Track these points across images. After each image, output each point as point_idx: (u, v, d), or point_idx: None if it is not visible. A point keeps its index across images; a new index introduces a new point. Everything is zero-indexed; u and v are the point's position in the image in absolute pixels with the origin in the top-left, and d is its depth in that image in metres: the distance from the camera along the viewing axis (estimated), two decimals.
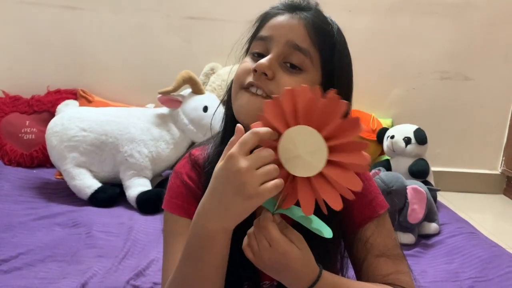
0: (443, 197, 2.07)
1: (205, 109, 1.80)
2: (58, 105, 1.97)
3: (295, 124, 0.54)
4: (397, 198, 1.46)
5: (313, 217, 0.60)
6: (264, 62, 0.65)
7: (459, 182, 2.32)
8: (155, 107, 1.96)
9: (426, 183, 1.74)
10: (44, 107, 2.04)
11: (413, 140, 1.88)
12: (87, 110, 1.81)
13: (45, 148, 1.82)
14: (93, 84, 2.13)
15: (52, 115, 1.93)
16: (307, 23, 0.67)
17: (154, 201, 1.63)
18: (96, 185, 1.68)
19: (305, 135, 0.53)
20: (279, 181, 0.53)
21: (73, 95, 2.08)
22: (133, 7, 2.10)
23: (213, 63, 2.07)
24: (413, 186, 1.50)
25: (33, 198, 1.67)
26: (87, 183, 1.68)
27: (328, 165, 0.53)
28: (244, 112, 0.66)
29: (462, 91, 2.29)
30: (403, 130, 1.92)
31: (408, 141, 1.88)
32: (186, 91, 1.85)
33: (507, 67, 2.27)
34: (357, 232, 0.73)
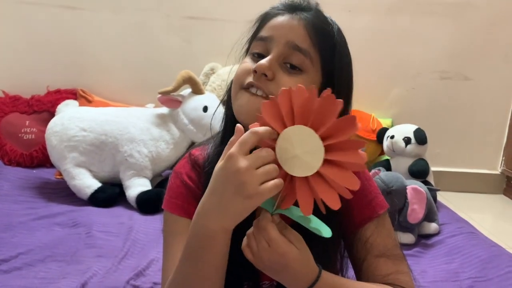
0: (443, 197, 2.07)
1: (205, 109, 1.80)
2: (58, 105, 1.97)
3: (292, 124, 0.54)
4: (397, 198, 1.46)
5: (312, 217, 0.59)
6: (264, 63, 0.65)
7: (459, 182, 2.32)
8: (155, 107, 1.96)
9: (426, 183, 1.74)
10: (44, 107, 2.04)
11: (413, 140, 1.87)
12: (87, 110, 1.81)
13: (45, 148, 1.82)
14: (93, 84, 2.13)
15: (52, 115, 1.93)
16: (307, 23, 0.67)
17: (154, 201, 1.63)
18: (96, 185, 1.68)
19: (302, 135, 0.53)
20: (278, 181, 0.53)
21: (73, 95, 2.08)
22: (133, 7, 2.10)
23: (213, 63, 2.07)
24: (413, 186, 1.50)
25: (33, 198, 1.67)
26: (87, 183, 1.68)
27: (325, 164, 0.53)
28: (244, 112, 0.66)
29: (462, 91, 2.29)
30: (403, 130, 1.92)
31: (408, 141, 1.88)
32: (186, 91, 1.85)
33: (507, 67, 2.27)
34: (357, 232, 0.73)
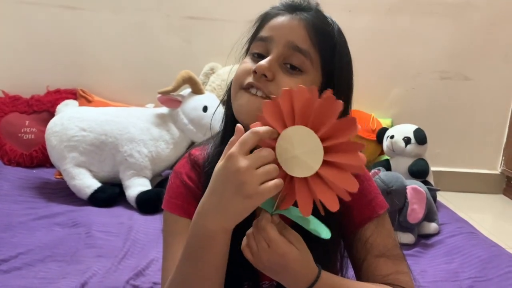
0: (442, 197, 2.07)
1: (204, 109, 1.80)
2: (57, 105, 1.97)
3: (292, 124, 0.54)
4: (397, 198, 1.46)
5: (311, 218, 0.59)
6: (264, 63, 0.65)
7: (459, 182, 2.32)
8: (154, 107, 1.96)
9: (426, 183, 1.74)
10: (43, 107, 2.04)
11: (412, 140, 1.87)
12: (87, 110, 1.81)
13: (44, 148, 1.82)
14: (93, 84, 2.13)
15: (52, 115, 1.93)
16: (307, 24, 0.67)
17: (154, 201, 1.63)
18: (95, 185, 1.68)
19: (302, 135, 0.53)
20: (279, 181, 0.53)
21: (72, 95, 2.08)
22: (133, 7, 2.10)
23: (212, 63, 2.07)
24: (412, 186, 1.50)
25: (33, 198, 1.67)
26: (86, 183, 1.68)
27: (324, 165, 0.53)
28: (243, 112, 0.66)
29: (462, 91, 2.29)
30: (402, 130, 1.92)
31: (408, 141, 1.88)
32: (186, 91, 1.85)
33: (507, 67, 2.27)
34: (357, 232, 0.73)
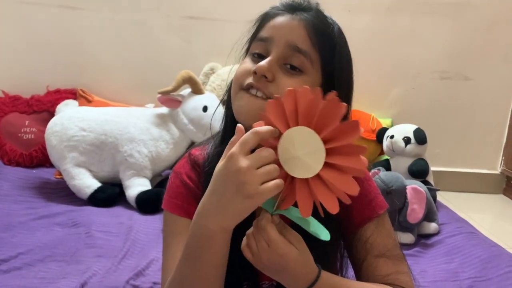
0: (442, 197, 2.07)
1: (204, 109, 1.80)
2: (57, 105, 1.97)
3: (295, 124, 0.54)
4: (397, 198, 1.46)
5: (311, 219, 0.59)
6: (263, 64, 0.65)
7: (459, 182, 2.32)
8: (154, 107, 1.96)
9: (426, 183, 1.74)
10: (43, 107, 2.04)
11: (412, 140, 1.87)
12: (87, 110, 1.81)
13: (44, 148, 1.82)
14: (93, 84, 2.13)
15: (52, 115, 1.93)
16: (307, 24, 0.67)
17: (154, 201, 1.63)
18: (95, 184, 1.68)
19: (304, 136, 0.53)
20: (279, 181, 0.53)
21: (72, 94, 2.08)
22: (133, 7, 2.10)
23: (212, 63, 2.07)
24: (412, 186, 1.50)
25: (33, 198, 1.67)
26: (86, 183, 1.68)
27: (326, 167, 0.53)
28: (243, 113, 0.66)
29: (461, 91, 2.29)
30: (402, 130, 1.92)
31: (407, 141, 1.88)
32: (186, 91, 1.85)
33: (507, 67, 2.27)
34: (357, 232, 0.73)
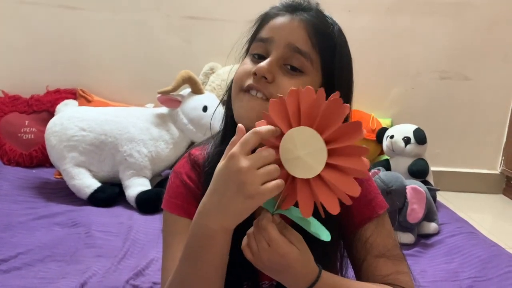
0: (442, 197, 2.07)
1: (204, 108, 1.80)
2: (57, 104, 1.97)
3: (297, 124, 0.54)
4: (397, 198, 1.46)
5: (311, 219, 0.59)
6: (263, 65, 0.65)
7: (459, 182, 2.32)
8: (154, 106, 1.96)
9: (426, 183, 1.74)
10: (43, 106, 2.03)
11: (412, 140, 1.87)
12: (87, 110, 1.81)
13: (44, 148, 1.82)
14: (93, 84, 2.13)
15: (52, 114, 1.92)
16: (307, 24, 0.67)
17: (154, 201, 1.63)
18: (95, 184, 1.68)
19: (306, 136, 0.53)
20: (280, 182, 0.53)
21: (72, 94, 2.08)
22: (133, 7, 2.10)
23: (212, 63, 2.07)
24: (412, 186, 1.50)
25: (33, 197, 1.67)
26: (86, 182, 1.68)
27: (327, 168, 0.53)
28: (243, 115, 0.66)
29: (461, 91, 2.29)
30: (402, 130, 1.92)
31: (407, 141, 1.88)
32: (186, 90, 1.85)
33: (507, 67, 2.27)
34: (357, 232, 0.73)
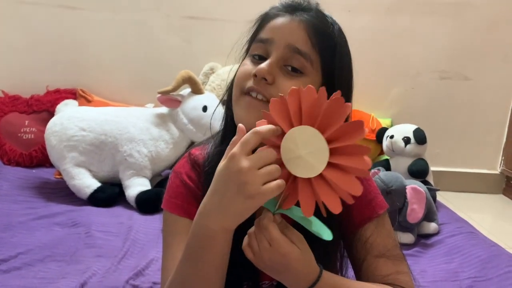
0: (442, 197, 2.07)
1: (204, 108, 1.80)
2: (57, 104, 1.97)
3: (299, 124, 0.54)
4: (397, 198, 1.46)
5: (313, 218, 0.59)
6: (263, 67, 0.65)
7: (459, 182, 2.32)
8: (154, 106, 1.96)
9: (426, 183, 1.74)
10: (43, 106, 2.03)
11: (412, 140, 1.87)
12: (87, 110, 1.81)
13: (44, 148, 1.82)
14: (93, 84, 2.13)
15: (52, 114, 1.92)
16: (307, 25, 0.66)
17: (154, 201, 1.63)
18: (95, 184, 1.68)
19: (308, 135, 0.53)
20: (281, 182, 0.53)
21: (72, 94, 2.08)
22: (133, 7, 2.10)
23: (212, 63, 2.07)
24: (412, 186, 1.50)
25: (33, 197, 1.67)
26: (86, 182, 1.68)
27: (329, 167, 0.53)
28: (244, 118, 0.66)
29: (461, 91, 2.29)
30: (402, 130, 1.92)
31: (407, 141, 1.88)
32: (186, 90, 1.85)
33: (507, 67, 2.27)
34: (357, 232, 0.73)
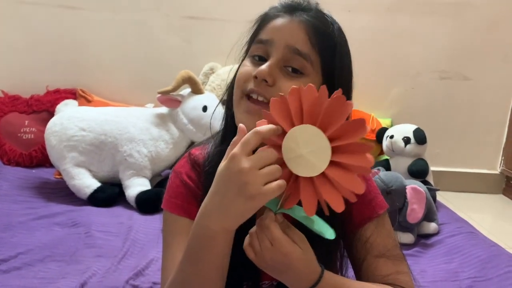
0: (442, 197, 2.07)
1: (204, 108, 1.79)
2: (57, 104, 1.97)
3: (300, 123, 0.53)
4: (397, 198, 1.46)
5: (315, 218, 0.59)
6: (264, 68, 0.65)
7: (459, 182, 2.32)
8: (154, 106, 1.96)
9: (426, 183, 1.74)
10: (43, 106, 2.03)
11: (412, 140, 1.87)
12: (86, 110, 1.81)
13: (44, 148, 1.82)
14: (93, 84, 2.12)
15: (51, 114, 1.92)
16: (307, 26, 0.66)
17: (154, 201, 1.63)
18: (95, 184, 1.68)
19: (309, 134, 0.53)
20: (282, 182, 0.53)
21: (72, 94, 2.08)
22: (133, 7, 2.10)
23: (212, 63, 2.07)
24: (412, 186, 1.50)
25: (32, 197, 1.67)
26: (86, 182, 1.68)
27: (331, 166, 0.53)
28: (244, 120, 0.66)
29: (461, 91, 2.29)
30: (402, 130, 1.92)
31: (407, 141, 1.88)
32: (186, 90, 1.85)
33: (506, 67, 2.27)
34: (357, 232, 0.73)
